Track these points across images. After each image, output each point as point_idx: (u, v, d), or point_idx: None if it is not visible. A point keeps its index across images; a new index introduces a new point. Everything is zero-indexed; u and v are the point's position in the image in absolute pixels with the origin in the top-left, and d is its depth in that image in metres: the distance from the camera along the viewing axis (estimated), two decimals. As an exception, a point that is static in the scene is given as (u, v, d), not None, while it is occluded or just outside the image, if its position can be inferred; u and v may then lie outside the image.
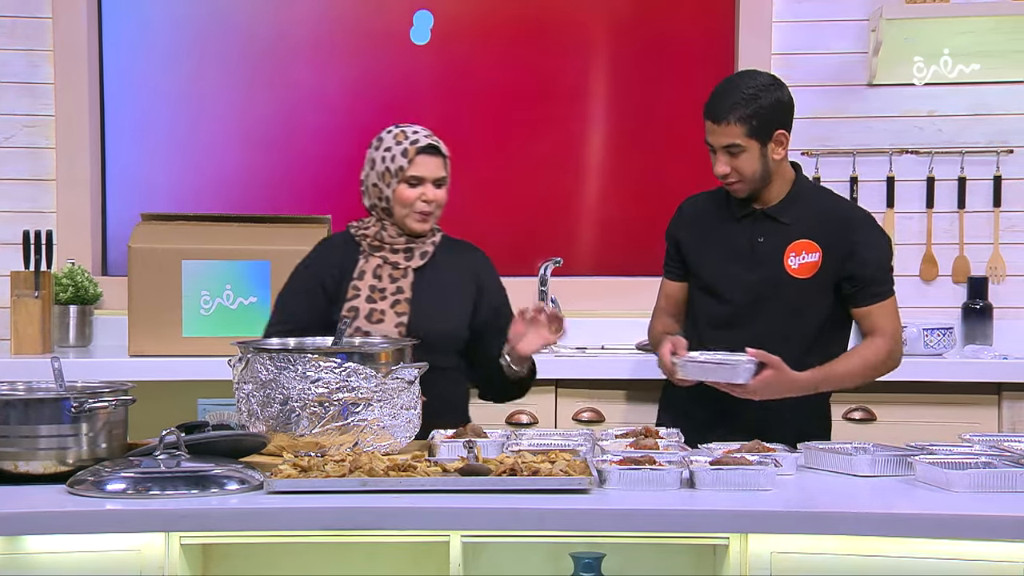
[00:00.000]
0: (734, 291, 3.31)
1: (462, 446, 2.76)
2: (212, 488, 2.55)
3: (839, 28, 4.81)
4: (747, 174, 3.26)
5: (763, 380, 3.09)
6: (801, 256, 3.28)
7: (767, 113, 3.22)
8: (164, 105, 4.95)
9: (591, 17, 4.95)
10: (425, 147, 3.33)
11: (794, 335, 3.27)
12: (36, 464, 2.65)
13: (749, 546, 2.48)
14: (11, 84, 4.78)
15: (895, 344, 3.33)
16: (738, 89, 3.23)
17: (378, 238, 3.38)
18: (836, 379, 3.26)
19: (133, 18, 4.94)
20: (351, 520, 2.47)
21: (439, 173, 3.35)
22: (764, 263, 3.30)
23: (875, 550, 2.47)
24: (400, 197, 3.32)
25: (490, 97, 4.93)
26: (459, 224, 4.85)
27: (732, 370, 3.07)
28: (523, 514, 2.45)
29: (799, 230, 3.29)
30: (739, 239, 3.33)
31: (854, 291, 3.29)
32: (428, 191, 3.33)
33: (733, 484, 2.59)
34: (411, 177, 3.32)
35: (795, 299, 3.28)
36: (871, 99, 4.80)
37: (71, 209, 4.81)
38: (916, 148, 4.80)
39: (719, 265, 3.34)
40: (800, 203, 3.33)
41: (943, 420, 4.25)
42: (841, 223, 3.30)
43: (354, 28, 4.94)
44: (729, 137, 3.21)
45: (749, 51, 4.83)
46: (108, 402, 2.72)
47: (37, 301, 4.49)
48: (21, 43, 4.78)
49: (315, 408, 2.84)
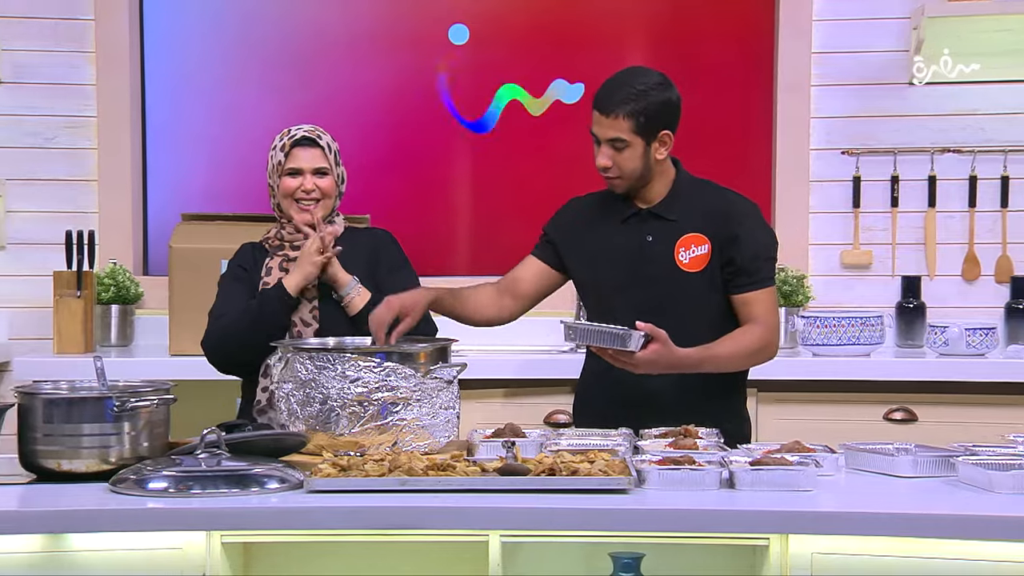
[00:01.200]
0: (628, 292, 3.29)
1: (501, 446, 2.76)
2: (253, 487, 2.57)
3: (880, 27, 4.77)
4: (627, 170, 3.23)
5: (650, 352, 3.05)
6: (691, 250, 3.26)
7: (655, 111, 3.19)
8: (204, 106, 4.98)
9: (629, 18, 4.94)
10: (300, 139, 3.45)
11: (693, 330, 3.24)
12: (79, 463, 2.68)
13: (790, 547, 2.47)
14: (54, 85, 4.82)
15: (771, 334, 3.27)
16: (630, 84, 3.20)
17: (278, 237, 3.47)
18: (717, 360, 3.19)
19: (174, 20, 4.97)
20: (390, 519, 2.47)
21: (317, 163, 3.44)
22: (655, 261, 3.28)
23: (917, 551, 2.45)
24: (283, 189, 3.44)
25: (527, 98, 4.93)
26: (494, 222, 4.89)
27: (623, 338, 3.04)
28: (562, 514, 2.45)
29: (686, 225, 3.27)
30: (627, 240, 3.31)
31: (731, 276, 3.26)
32: (307, 181, 3.42)
33: (773, 484, 2.57)
34: (290, 169, 3.43)
35: (690, 294, 3.27)
36: (912, 98, 4.77)
37: (112, 209, 4.84)
38: (958, 147, 4.76)
39: (609, 267, 3.31)
40: (684, 198, 3.31)
41: (986, 421, 4.22)
42: (725, 212, 3.28)
43: (390, 30, 4.95)
44: (615, 131, 3.19)
45: (789, 50, 4.80)
46: (150, 401, 2.74)
47: (79, 301, 4.53)
48: (64, 45, 4.81)
49: (354, 407, 2.85)
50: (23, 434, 2.71)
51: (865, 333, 4.36)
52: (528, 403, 4.29)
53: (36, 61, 4.80)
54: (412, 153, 4.96)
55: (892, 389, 4.30)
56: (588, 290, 3.40)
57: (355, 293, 3.34)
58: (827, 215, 4.82)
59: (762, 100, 4.90)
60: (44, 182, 4.82)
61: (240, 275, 3.45)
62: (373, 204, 4.87)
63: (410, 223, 4.95)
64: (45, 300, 4.64)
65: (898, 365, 4.37)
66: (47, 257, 4.74)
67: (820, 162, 4.82)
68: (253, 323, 3.29)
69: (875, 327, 4.37)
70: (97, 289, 4.61)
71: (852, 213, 4.80)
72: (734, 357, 3.23)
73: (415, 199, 4.98)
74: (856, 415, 4.26)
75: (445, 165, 5.00)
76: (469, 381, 3.60)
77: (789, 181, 4.82)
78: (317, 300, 3.36)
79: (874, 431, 4.15)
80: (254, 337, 3.26)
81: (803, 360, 4.38)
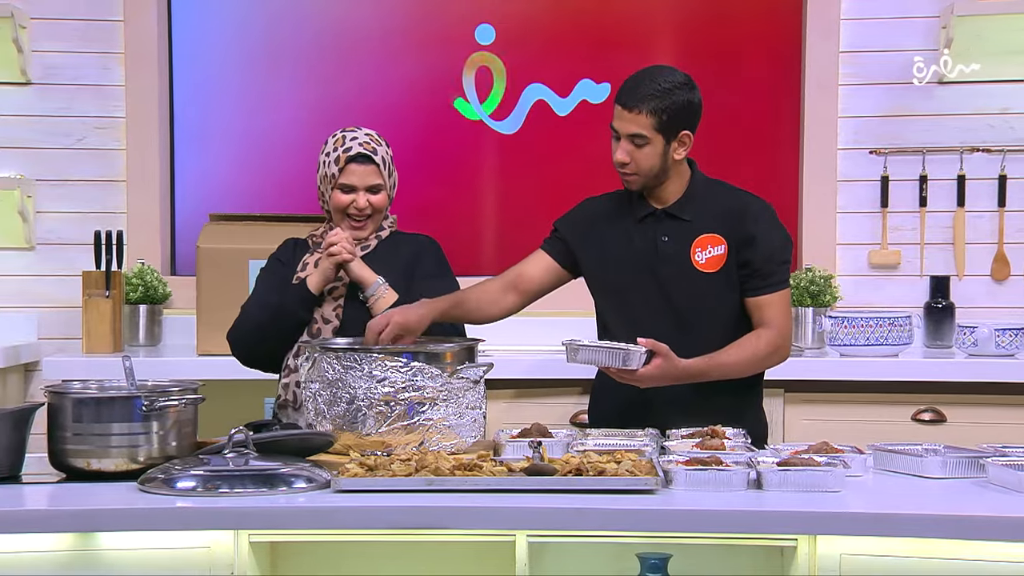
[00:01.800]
0: (641, 291, 3.28)
1: (527, 446, 2.76)
2: (280, 486, 2.57)
3: (908, 25, 4.75)
4: (644, 167, 3.22)
5: (653, 367, 3.04)
6: (707, 251, 3.25)
7: (678, 110, 3.18)
8: (232, 106, 5.00)
9: (656, 18, 4.94)
10: (356, 155, 3.36)
11: (708, 330, 3.23)
12: (108, 462, 2.69)
13: (818, 548, 2.46)
14: (83, 86, 4.84)
15: (782, 339, 3.24)
16: (655, 81, 3.19)
17: (323, 236, 3.43)
18: (723, 368, 3.17)
19: (201, 21, 4.99)
20: (417, 519, 2.48)
21: (371, 180, 3.37)
22: (670, 261, 3.26)
23: (946, 553, 2.44)
24: (335, 203, 3.38)
25: (555, 99, 4.93)
26: (520, 222, 4.88)
27: (624, 356, 3.04)
28: (589, 514, 2.45)
29: (701, 226, 3.26)
30: (642, 240, 3.29)
31: (745, 278, 3.25)
32: (360, 198, 3.36)
33: (801, 485, 2.56)
34: (343, 184, 3.36)
35: (706, 294, 3.25)
36: (941, 97, 4.74)
37: (141, 209, 4.86)
38: (987, 146, 4.73)
39: (624, 267, 3.30)
40: (699, 199, 3.29)
41: (1015, 421, 4.19)
42: (740, 212, 3.26)
43: (416, 30, 4.95)
44: (636, 127, 3.18)
45: (816, 49, 4.79)
46: (178, 401, 2.75)
47: (108, 301, 4.55)
48: (93, 46, 4.84)
49: (381, 407, 2.85)
50: (52, 433, 2.73)
51: (893, 333, 4.34)
52: (554, 403, 4.29)
53: (65, 62, 4.83)
54: (438, 153, 4.97)
55: (920, 390, 4.27)
56: (601, 290, 3.38)
57: (380, 294, 3.32)
58: (855, 215, 4.80)
59: (790, 100, 4.88)
60: (73, 182, 4.85)
61: (276, 268, 3.44)
62: (399, 204, 4.85)
63: (436, 223, 4.94)
64: (74, 300, 4.67)
65: (927, 366, 4.34)
66: (76, 257, 4.76)
67: (848, 162, 4.80)
68: (273, 317, 3.29)
69: (903, 327, 4.35)
70: (125, 289, 4.64)
71: (880, 213, 4.78)
72: (742, 364, 3.20)
73: (441, 199, 4.98)
74: (884, 416, 4.25)
75: (471, 165, 5.00)
76: (495, 381, 3.60)
77: (817, 181, 4.81)
78: (343, 299, 3.36)
79: (902, 432, 4.14)
80: (273, 331, 3.28)
81: (831, 360, 4.36)
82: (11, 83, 4.80)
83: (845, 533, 2.46)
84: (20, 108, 4.82)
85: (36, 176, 4.82)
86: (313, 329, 3.32)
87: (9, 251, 4.82)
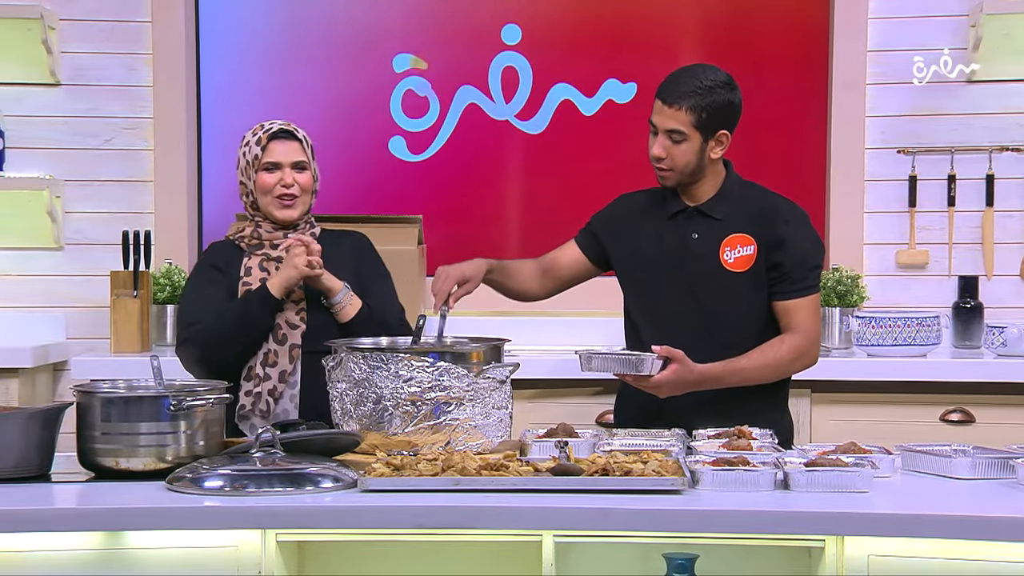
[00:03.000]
0: (670, 288, 3.28)
1: (554, 446, 2.76)
2: (307, 486, 2.58)
3: (937, 24, 4.72)
4: (680, 164, 3.22)
5: (669, 372, 3.04)
6: (736, 250, 3.24)
7: (718, 109, 3.19)
8: (258, 107, 5.01)
9: (683, 17, 4.93)
10: (277, 132, 3.36)
11: (735, 330, 3.22)
12: (136, 461, 2.70)
13: (846, 549, 2.45)
14: (111, 87, 4.86)
15: (809, 344, 3.23)
16: (697, 78, 3.20)
17: (255, 237, 3.40)
18: (743, 373, 3.17)
19: (228, 22, 5.00)
20: (444, 519, 2.48)
21: (296, 157, 3.35)
22: (698, 259, 3.26)
23: (975, 554, 2.43)
24: (260, 185, 3.35)
25: (581, 99, 4.92)
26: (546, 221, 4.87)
27: (638, 363, 3.03)
28: (615, 514, 2.45)
29: (732, 225, 3.25)
30: (672, 236, 3.29)
31: (774, 282, 3.24)
32: (286, 175, 3.34)
33: (829, 486, 2.55)
34: (267, 163, 3.34)
35: (733, 293, 3.24)
36: (969, 96, 4.72)
37: (168, 209, 4.88)
38: (1017, 145, 4.70)
39: (653, 263, 3.30)
40: (731, 199, 3.29)
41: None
42: (771, 214, 3.26)
43: (443, 30, 4.96)
44: (675, 122, 3.18)
45: (844, 49, 4.77)
46: (206, 400, 2.77)
47: (136, 300, 4.57)
48: (120, 47, 4.86)
49: (407, 407, 2.86)
50: (81, 432, 2.74)
51: (921, 334, 4.32)
52: (579, 403, 4.29)
53: (94, 63, 4.85)
54: (464, 153, 4.97)
55: (949, 390, 4.26)
56: (630, 286, 3.39)
57: (347, 302, 3.28)
58: (882, 215, 4.78)
59: (817, 99, 4.87)
60: (101, 183, 4.88)
61: (214, 277, 3.37)
62: (425, 204, 4.89)
63: (462, 223, 4.96)
64: (102, 300, 4.70)
65: (955, 366, 4.33)
66: (104, 257, 4.79)
67: (875, 161, 4.78)
68: (236, 325, 3.23)
69: (931, 327, 4.33)
70: (153, 289, 4.66)
71: (908, 212, 4.76)
72: (764, 369, 3.20)
73: (467, 199, 4.99)
74: (912, 416, 4.23)
75: (497, 165, 5.00)
76: (521, 381, 3.60)
77: (844, 180, 4.79)
78: (304, 303, 3.30)
79: (930, 433, 4.12)
80: (238, 339, 3.24)
81: (858, 361, 4.35)
82: (41, 84, 4.83)
83: (873, 534, 2.44)
84: (49, 109, 4.85)
85: (65, 176, 4.85)
86: (279, 335, 3.28)
87: (38, 251, 4.85)
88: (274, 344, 3.26)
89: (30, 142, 4.84)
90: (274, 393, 3.26)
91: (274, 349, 3.26)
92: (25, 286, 4.84)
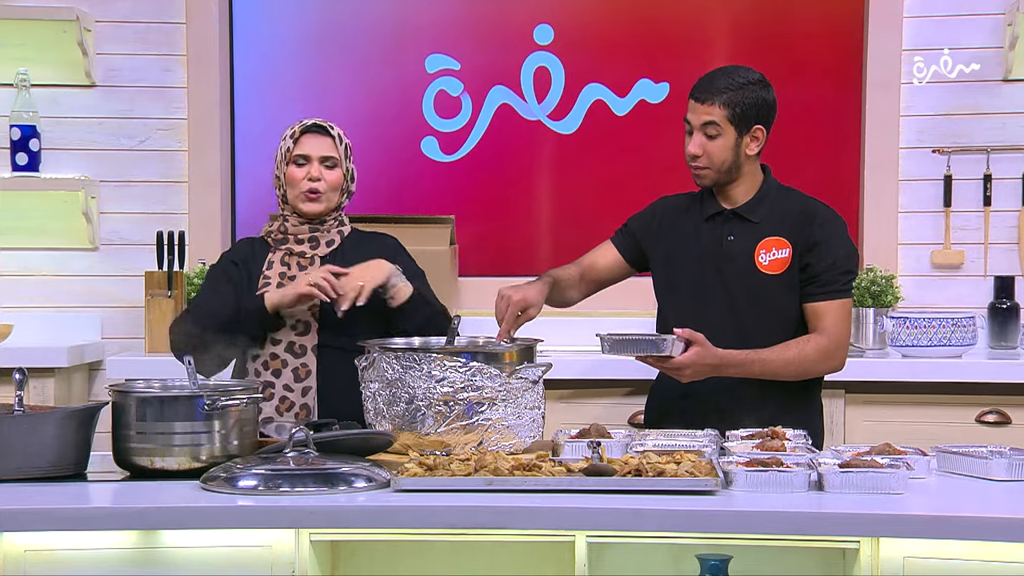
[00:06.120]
0: (704, 289, 3.28)
1: (586, 446, 2.75)
2: (340, 486, 2.59)
3: (973, 23, 4.69)
4: (716, 160, 3.22)
5: (691, 354, 3.04)
6: (771, 253, 3.24)
7: (751, 104, 3.21)
8: (292, 107, 5.02)
9: (715, 17, 4.91)
10: (311, 127, 3.40)
11: (769, 332, 3.21)
12: (171, 460, 2.72)
13: (880, 550, 2.44)
14: (146, 88, 4.89)
15: (835, 347, 3.23)
16: (729, 76, 3.24)
17: (281, 231, 3.44)
18: (764, 364, 3.16)
19: (262, 23, 5.02)
20: (476, 519, 2.48)
21: (325, 152, 3.38)
22: (734, 260, 3.26)
23: (1011, 556, 2.41)
24: (289, 178, 3.40)
25: (614, 99, 4.92)
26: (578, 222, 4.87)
27: (659, 343, 3.03)
28: (648, 515, 2.44)
29: (768, 228, 3.26)
30: (708, 238, 3.30)
31: (805, 283, 3.24)
32: (314, 169, 3.37)
33: (863, 487, 2.54)
34: (297, 156, 3.38)
35: (768, 296, 3.25)
36: (1006, 95, 4.68)
37: (202, 210, 4.90)
38: (1054, 145, 4.67)
39: (689, 265, 3.31)
40: (768, 202, 3.29)
41: (1082, 423, 4.14)
42: (807, 218, 3.26)
43: (475, 31, 4.96)
44: (709, 115, 3.20)
45: (879, 47, 4.74)
46: (240, 400, 2.78)
47: (170, 301, 4.60)
48: (155, 48, 4.89)
49: (440, 407, 2.86)
50: (117, 432, 2.76)
51: (957, 334, 4.29)
52: (612, 403, 4.28)
53: (128, 64, 4.88)
54: (496, 153, 4.97)
55: (985, 391, 4.23)
56: (666, 287, 3.39)
57: (400, 282, 3.29)
58: (917, 214, 4.75)
59: (851, 98, 4.84)
60: (136, 183, 4.90)
61: (230, 271, 3.42)
62: (457, 204, 4.89)
63: (494, 223, 4.96)
64: (137, 300, 4.72)
65: (991, 367, 4.29)
66: (139, 257, 4.81)
67: (910, 161, 4.75)
68: (224, 327, 3.26)
69: (967, 328, 4.30)
70: (187, 289, 4.68)
71: (943, 212, 4.73)
72: (786, 364, 3.19)
73: (499, 199, 4.98)
74: (947, 417, 4.20)
75: (529, 165, 5.00)
76: (554, 381, 3.60)
77: (878, 180, 4.76)
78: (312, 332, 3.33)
79: (966, 434, 4.09)
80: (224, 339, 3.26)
81: (893, 361, 4.32)
82: (76, 85, 4.86)
83: (908, 535, 2.43)
84: (85, 110, 4.88)
85: (100, 177, 4.88)
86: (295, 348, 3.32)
87: (73, 251, 4.88)
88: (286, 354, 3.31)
89: (66, 143, 4.87)
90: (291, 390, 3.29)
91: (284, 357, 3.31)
92: (61, 286, 4.87)
